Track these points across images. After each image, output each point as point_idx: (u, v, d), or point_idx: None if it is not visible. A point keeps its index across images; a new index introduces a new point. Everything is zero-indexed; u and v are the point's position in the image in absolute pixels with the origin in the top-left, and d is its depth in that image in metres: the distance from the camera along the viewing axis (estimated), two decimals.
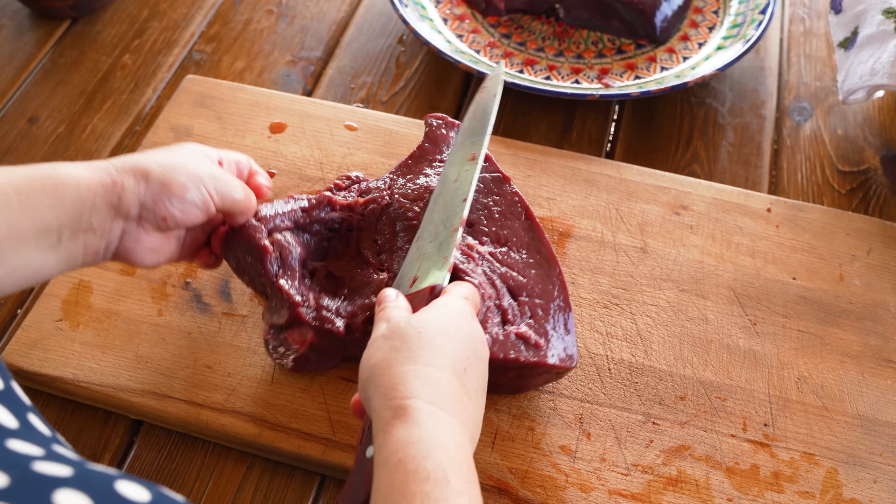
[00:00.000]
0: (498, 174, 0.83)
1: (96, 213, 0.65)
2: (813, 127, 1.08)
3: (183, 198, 0.69)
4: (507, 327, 0.75)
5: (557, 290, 0.78)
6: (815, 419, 0.79)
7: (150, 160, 0.69)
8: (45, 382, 0.83)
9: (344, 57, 1.17)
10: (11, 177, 0.62)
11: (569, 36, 1.15)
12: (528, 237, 0.80)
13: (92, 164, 0.67)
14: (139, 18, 1.23)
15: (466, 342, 0.64)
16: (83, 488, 0.39)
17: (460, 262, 0.76)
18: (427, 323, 0.63)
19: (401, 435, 0.55)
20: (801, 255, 0.90)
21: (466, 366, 0.62)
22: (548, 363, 0.74)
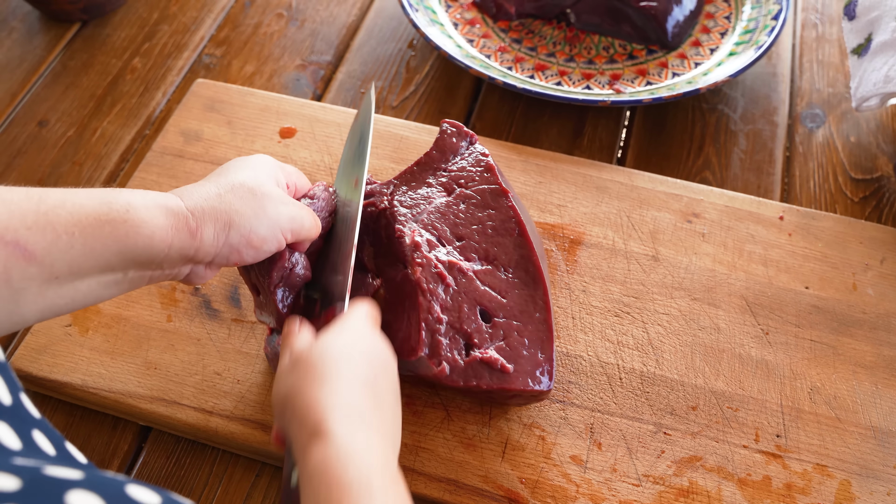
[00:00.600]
0: (496, 186, 0.82)
1: (168, 261, 0.64)
2: (826, 134, 1.07)
3: (260, 248, 0.69)
4: (472, 352, 0.73)
5: (540, 311, 0.77)
6: (828, 430, 0.79)
7: (230, 205, 0.66)
8: (53, 388, 0.83)
9: (354, 61, 1.17)
10: (79, 215, 0.59)
11: (580, 41, 1.15)
12: (518, 255, 0.79)
13: (167, 206, 0.63)
14: (149, 22, 1.23)
15: (370, 356, 0.63)
16: (95, 490, 0.39)
17: (427, 282, 0.75)
18: (327, 346, 0.62)
19: (319, 454, 0.55)
20: (814, 263, 0.90)
21: (374, 379, 0.62)
22: (514, 388, 0.73)
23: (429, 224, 0.79)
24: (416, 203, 0.82)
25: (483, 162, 0.84)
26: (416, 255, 0.76)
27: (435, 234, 0.79)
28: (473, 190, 0.82)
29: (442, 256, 0.77)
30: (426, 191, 0.83)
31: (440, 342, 0.73)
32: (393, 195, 0.83)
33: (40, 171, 1.04)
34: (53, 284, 0.59)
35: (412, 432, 0.78)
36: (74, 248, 0.59)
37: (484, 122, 1.09)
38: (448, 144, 0.86)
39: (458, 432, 0.78)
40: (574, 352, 0.83)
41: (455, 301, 0.75)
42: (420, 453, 0.77)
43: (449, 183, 0.83)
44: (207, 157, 0.99)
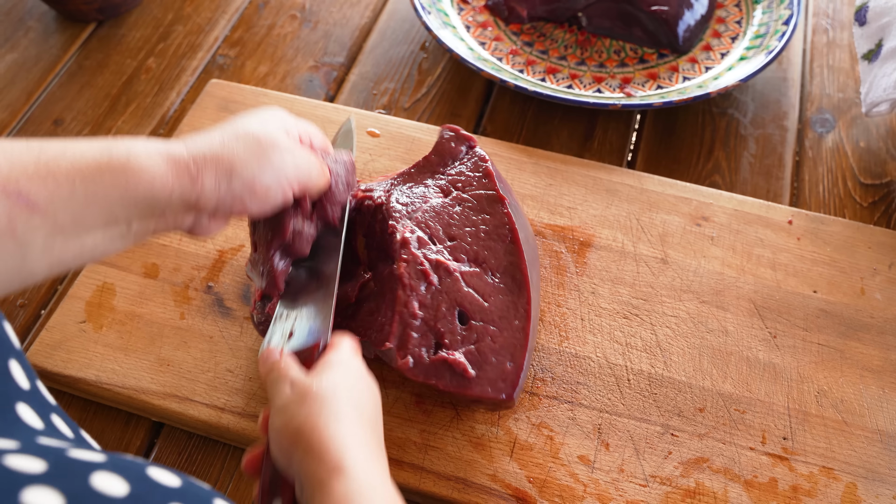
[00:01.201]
0: (493, 192, 0.82)
1: (170, 208, 0.63)
2: (835, 139, 1.08)
3: (265, 199, 0.68)
4: (441, 351, 0.74)
5: (520, 319, 0.76)
6: (835, 433, 0.79)
7: (233, 151, 0.65)
8: (67, 383, 0.84)
9: (366, 63, 1.18)
10: (79, 163, 0.59)
11: (591, 45, 1.15)
12: (507, 261, 0.79)
13: (169, 152, 0.62)
14: (164, 22, 1.24)
15: (370, 394, 0.65)
16: (118, 471, 0.40)
17: (409, 278, 0.76)
18: (336, 384, 0.63)
19: (341, 489, 0.56)
20: (823, 268, 0.90)
21: (375, 417, 0.64)
22: (471, 394, 0.73)
23: (422, 222, 0.80)
24: (411, 201, 0.83)
25: (482, 167, 0.84)
26: (404, 252, 0.77)
27: (427, 233, 0.80)
28: (470, 194, 0.83)
29: (430, 255, 0.78)
30: (423, 191, 0.84)
31: (410, 336, 0.74)
32: (390, 192, 0.84)
33: None
34: (59, 237, 0.58)
35: (422, 431, 0.79)
36: (76, 197, 0.58)
37: (495, 124, 1.09)
38: (447, 149, 0.87)
39: (467, 431, 0.79)
40: (583, 353, 0.84)
41: (434, 300, 0.76)
42: (429, 452, 0.78)
43: (447, 186, 0.84)
44: None
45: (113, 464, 0.40)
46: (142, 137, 0.63)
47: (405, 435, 0.79)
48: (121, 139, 0.62)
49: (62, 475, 0.38)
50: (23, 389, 0.49)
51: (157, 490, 0.40)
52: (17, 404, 0.47)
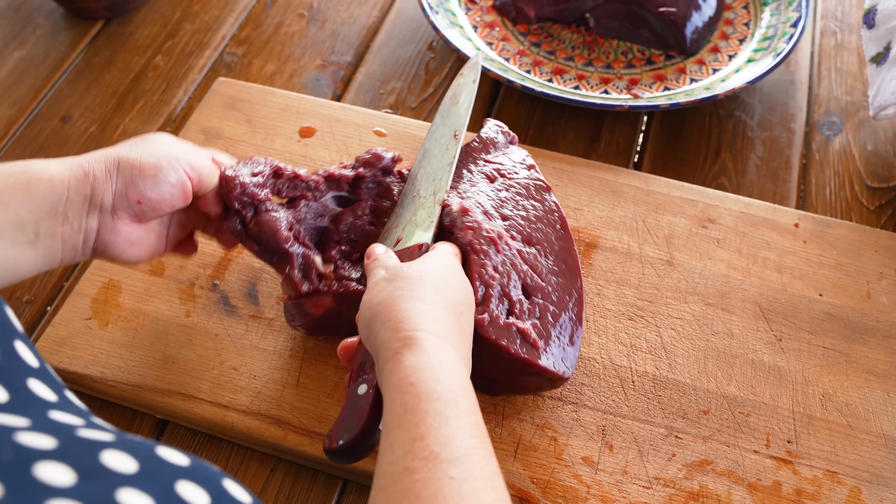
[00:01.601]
0: (541, 182, 0.84)
1: (71, 206, 0.66)
2: (842, 142, 1.08)
3: (157, 178, 0.69)
4: (510, 318, 0.75)
5: (574, 302, 0.79)
6: (840, 437, 0.79)
7: (121, 148, 0.70)
8: (73, 380, 0.84)
9: (374, 62, 1.18)
10: None
11: (598, 45, 1.15)
12: (559, 246, 0.81)
13: (65, 160, 0.67)
14: (172, 20, 1.24)
15: (459, 289, 0.69)
16: (127, 450, 0.40)
17: (480, 244, 0.76)
18: (426, 268, 0.68)
19: (411, 361, 0.59)
20: (829, 271, 0.90)
21: (462, 309, 0.68)
22: (538, 365, 0.74)
23: (474, 199, 0.81)
24: (459, 182, 0.83)
25: (526, 161, 0.86)
26: (467, 219, 0.78)
27: (481, 209, 0.80)
28: (516, 181, 0.84)
29: (490, 227, 0.78)
30: (469, 176, 0.85)
31: (490, 295, 0.75)
32: None
33: None
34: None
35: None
36: None
37: None
38: (489, 140, 0.88)
39: None
40: (587, 354, 0.84)
41: (504, 269, 0.77)
42: None
43: (492, 173, 0.85)
44: (228, 154, 1.00)
45: (122, 443, 0.40)
46: None
47: None
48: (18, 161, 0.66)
49: (73, 452, 0.38)
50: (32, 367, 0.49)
51: (165, 468, 0.41)
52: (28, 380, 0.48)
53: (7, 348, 0.48)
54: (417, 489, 0.51)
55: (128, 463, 0.39)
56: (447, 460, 0.53)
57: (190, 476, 0.41)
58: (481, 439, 0.56)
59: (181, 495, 0.39)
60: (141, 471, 0.39)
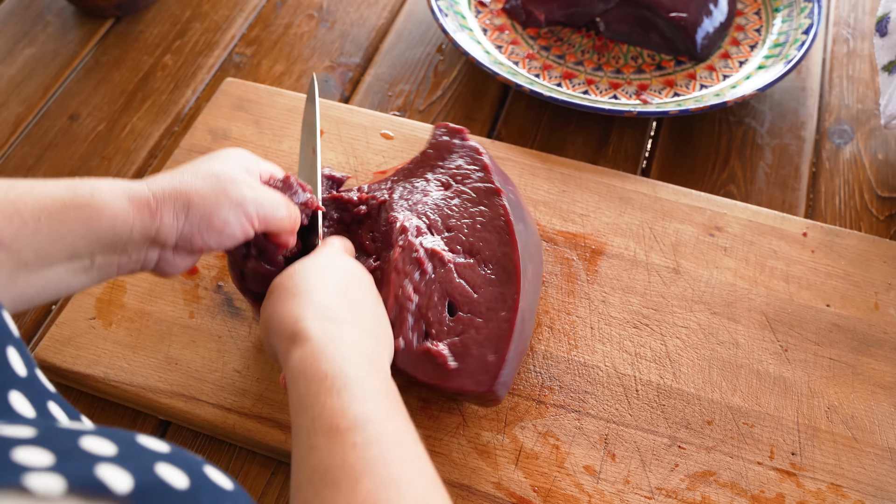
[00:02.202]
0: (491, 185, 0.83)
1: (132, 243, 0.65)
2: (853, 150, 1.07)
3: (222, 231, 0.68)
4: (425, 341, 0.75)
5: (507, 310, 0.76)
6: (844, 450, 0.78)
7: (191, 186, 0.66)
8: (76, 380, 0.84)
9: (382, 64, 1.18)
10: (45, 201, 0.60)
11: (608, 50, 1.15)
12: (501, 252, 0.79)
13: (130, 189, 0.64)
14: (181, 19, 1.24)
15: (340, 269, 0.70)
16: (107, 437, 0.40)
17: (404, 264, 0.77)
18: (297, 268, 0.68)
19: (297, 354, 0.60)
20: (837, 281, 0.89)
21: (345, 286, 0.68)
22: (449, 386, 0.73)
23: (422, 213, 0.82)
24: (412, 195, 0.84)
25: (479, 161, 0.85)
26: (401, 238, 0.78)
27: (426, 223, 0.81)
28: (469, 187, 0.84)
29: (427, 244, 0.79)
30: (424, 185, 0.86)
31: (406, 319, 0.75)
32: (392, 189, 0.85)
33: (70, 165, 1.06)
34: (23, 271, 0.60)
35: (427, 437, 0.79)
36: (41, 232, 0.59)
37: (510, 128, 1.09)
38: (443, 144, 0.88)
39: (473, 438, 0.79)
40: (591, 362, 0.83)
41: (427, 288, 0.77)
42: (434, 458, 0.77)
43: (447, 180, 0.86)
44: None
45: (102, 431, 0.40)
46: (107, 179, 0.65)
47: None
48: (86, 179, 0.63)
49: (51, 438, 0.38)
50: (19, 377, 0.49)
51: (144, 452, 0.40)
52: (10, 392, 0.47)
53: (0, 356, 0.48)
54: (325, 462, 0.53)
55: (107, 447, 0.39)
56: (347, 429, 0.54)
57: (170, 460, 0.41)
58: (382, 403, 0.57)
59: (160, 475, 0.39)
60: (120, 453, 0.39)
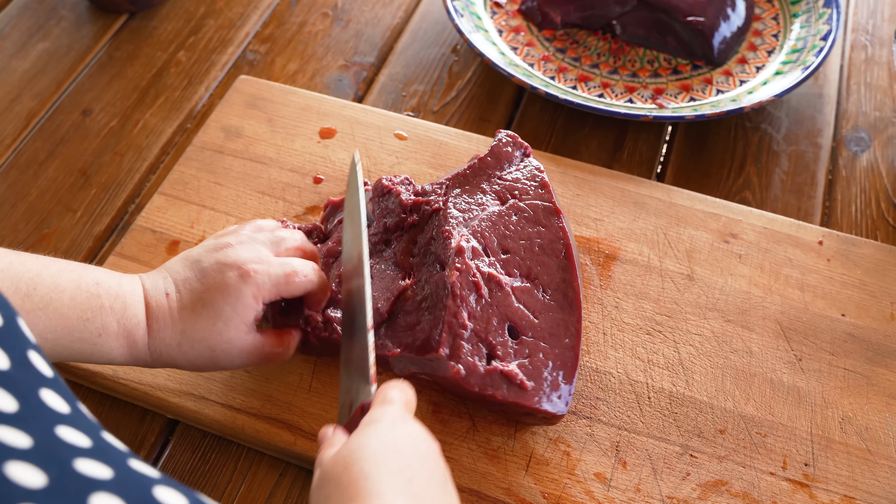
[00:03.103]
0: (550, 205, 0.82)
1: None
2: (870, 158, 1.06)
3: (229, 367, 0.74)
4: (493, 362, 0.73)
5: (570, 337, 0.76)
6: (858, 462, 0.78)
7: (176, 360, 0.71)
8: (85, 376, 0.84)
9: (397, 64, 1.17)
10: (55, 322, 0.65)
11: (624, 53, 1.14)
12: (560, 278, 0.79)
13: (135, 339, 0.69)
14: (196, 15, 1.23)
15: (403, 450, 0.56)
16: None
17: (461, 289, 0.74)
18: (353, 453, 0.55)
19: None
20: (852, 291, 0.88)
21: (411, 475, 0.54)
22: (528, 406, 0.72)
23: (478, 231, 0.79)
24: (469, 207, 0.82)
25: (538, 177, 0.84)
26: (458, 260, 0.76)
27: (482, 244, 0.79)
28: (527, 203, 0.82)
29: (483, 267, 0.77)
30: (480, 197, 0.83)
31: (461, 346, 0.73)
32: (447, 195, 0.83)
33: (82, 160, 1.06)
34: None
35: (437, 440, 0.78)
36: (46, 347, 0.65)
37: (524, 131, 1.08)
38: (503, 153, 0.86)
39: (483, 443, 0.78)
40: (604, 368, 0.83)
41: (485, 312, 0.75)
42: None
43: (503, 192, 0.83)
44: (247, 153, 0.99)
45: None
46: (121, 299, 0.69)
47: None
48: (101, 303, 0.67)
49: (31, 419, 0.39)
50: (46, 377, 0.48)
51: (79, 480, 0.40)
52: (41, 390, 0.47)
53: (20, 358, 0.47)
54: None
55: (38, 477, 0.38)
56: None
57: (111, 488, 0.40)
58: None
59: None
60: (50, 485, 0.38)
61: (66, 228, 0.99)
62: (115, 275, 0.70)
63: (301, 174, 0.98)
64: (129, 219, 1.00)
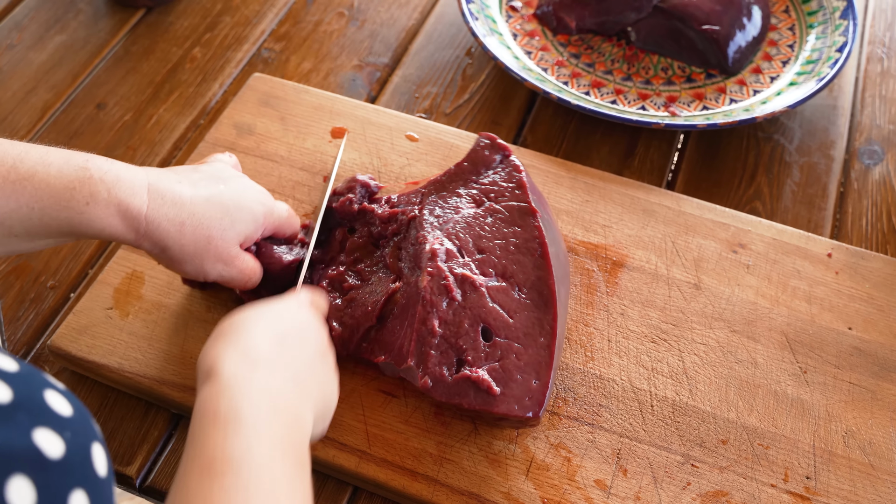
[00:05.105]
0: (525, 205, 0.82)
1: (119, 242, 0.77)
2: (883, 172, 1.05)
3: (189, 273, 0.76)
4: (463, 368, 0.73)
5: (545, 336, 0.76)
6: (860, 476, 0.77)
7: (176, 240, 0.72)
8: (90, 369, 0.84)
9: (410, 65, 1.17)
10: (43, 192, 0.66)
11: (638, 60, 1.14)
12: (535, 276, 0.78)
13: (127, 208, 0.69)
14: (212, 12, 1.24)
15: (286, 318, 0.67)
16: None
17: (432, 293, 0.75)
18: (240, 313, 0.66)
19: (204, 391, 0.58)
20: (860, 304, 0.88)
21: (285, 333, 0.65)
22: (497, 411, 0.72)
23: (453, 234, 0.80)
24: (444, 212, 0.83)
25: (516, 178, 0.84)
26: (429, 264, 0.76)
27: (457, 245, 0.79)
28: (502, 205, 0.82)
29: (457, 269, 0.77)
30: (456, 201, 0.84)
31: (430, 354, 0.73)
32: (423, 203, 0.84)
33: (95, 153, 1.06)
34: (13, 239, 0.67)
35: (439, 443, 0.78)
36: (32, 219, 0.66)
37: (536, 135, 1.08)
38: (481, 157, 0.87)
39: (484, 446, 0.78)
40: (607, 375, 0.83)
41: (457, 316, 0.75)
42: (444, 464, 0.77)
43: (479, 195, 0.84)
44: (258, 151, 1.00)
45: None
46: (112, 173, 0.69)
47: (422, 445, 0.78)
48: (89, 174, 0.67)
49: None
50: None
51: None
52: None
53: None
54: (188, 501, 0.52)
55: None
56: (220, 472, 0.52)
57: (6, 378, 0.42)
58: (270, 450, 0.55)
59: None
60: None
61: None
62: (108, 159, 0.72)
63: (311, 173, 0.98)
64: None
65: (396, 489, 0.76)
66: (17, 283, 0.94)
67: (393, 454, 0.78)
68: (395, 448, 0.78)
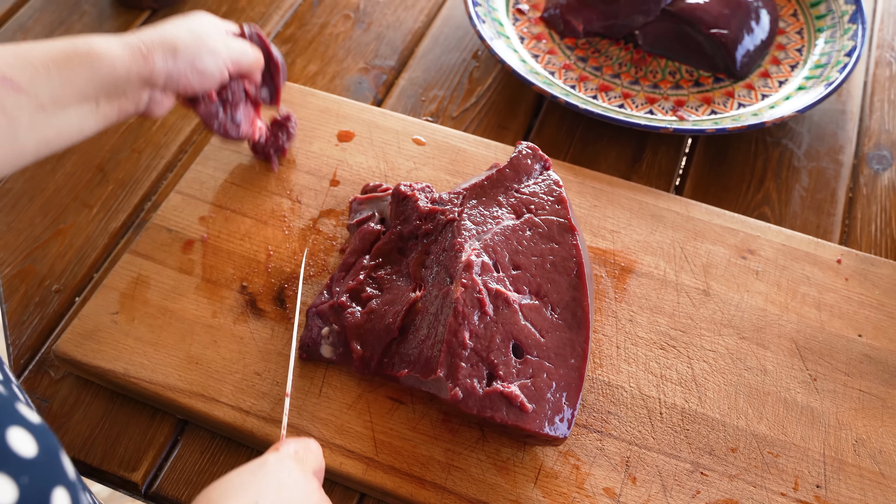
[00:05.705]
0: (565, 221, 0.81)
1: (129, 85, 0.77)
2: (892, 177, 1.05)
3: (204, 73, 0.82)
4: (494, 383, 0.72)
5: (576, 357, 0.75)
6: (871, 485, 0.77)
7: (176, 36, 0.79)
8: (96, 374, 0.84)
9: (417, 68, 1.17)
10: (52, 52, 0.72)
11: (646, 64, 1.13)
12: (570, 296, 0.78)
13: (124, 40, 0.76)
14: (217, 14, 1.23)
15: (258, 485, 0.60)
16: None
17: (464, 305, 0.74)
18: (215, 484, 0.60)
19: None
20: (870, 311, 0.87)
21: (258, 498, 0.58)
22: (528, 428, 0.71)
23: (490, 246, 0.79)
24: (484, 220, 0.82)
25: (556, 192, 0.83)
26: (464, 276, 0.75)
27: (493, 259, 0.78)
28: (542, 219, 0.81)
29: (491, 284, 0.76)
30: (496, 210, 0.83)
31: (460, 366, 0.72)
32: (463, 207, 0.83)
33: (100, 157, 1.06)
34: (41, 114, 0.71)
35: (446, 450, 0.78)
36: (53, 78, 0.71)
37: (543, 139, 1.08)
38: (522, 165, 0.85)
39: (493, 454, 0.78)
40: (616, 382, 0.82)
41: (488, 330, 0.74)
42: (452, 472, 0.77)
43: (519, 206, 0.83)
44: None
45: None
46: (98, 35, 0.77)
47: (429, 453, 0.78)
48: (79, 36, 0.75)
49: None
50: None
51: None
52: None
53: None
54: None
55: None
56: None
57: None
58: None
59: None
60: None
61: (82, 224, 0.99)
62: None
63: (318, 177, 0.97)
64: (145, 216, 1.00)
65: (404, 497, 0.76)
66: (21, 286, 0.94)
67: (400, 461, 0.77)
68: (403, 455, 0.78)
